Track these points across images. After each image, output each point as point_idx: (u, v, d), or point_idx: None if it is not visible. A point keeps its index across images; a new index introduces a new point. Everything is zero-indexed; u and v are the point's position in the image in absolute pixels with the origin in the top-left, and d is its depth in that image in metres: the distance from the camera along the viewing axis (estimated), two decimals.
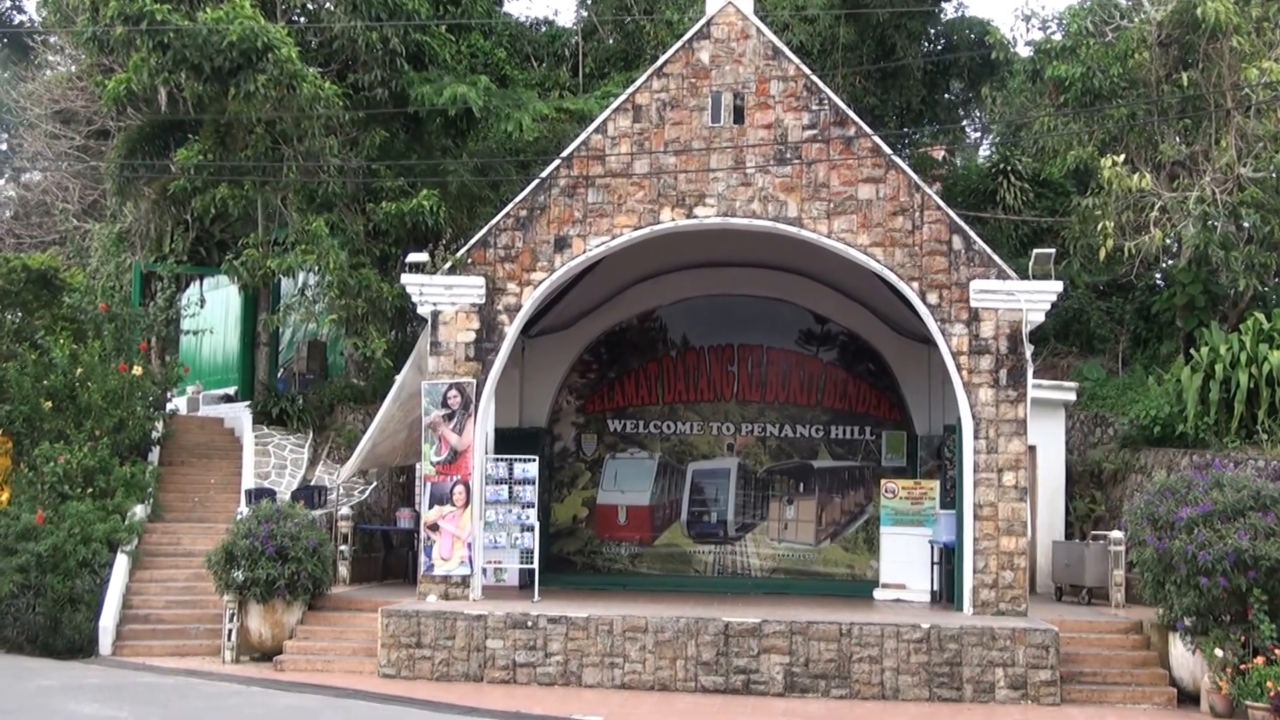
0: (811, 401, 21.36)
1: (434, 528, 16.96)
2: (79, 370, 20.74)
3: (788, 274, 20.70)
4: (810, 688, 14.76)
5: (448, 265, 17.36)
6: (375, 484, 21.47)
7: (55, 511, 18.61)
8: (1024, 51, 29.46)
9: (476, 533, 16.98)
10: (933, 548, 18.72)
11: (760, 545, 21.04)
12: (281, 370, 26.12)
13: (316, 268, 21.57)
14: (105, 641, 17.38)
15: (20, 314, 22.57)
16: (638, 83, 17.77)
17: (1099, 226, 21.56)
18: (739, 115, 17.23)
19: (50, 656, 17.14)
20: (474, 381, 17.12)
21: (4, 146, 36.22)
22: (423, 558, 17.13)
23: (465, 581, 16.86)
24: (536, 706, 13.64)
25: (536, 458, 18.03)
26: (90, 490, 19.37)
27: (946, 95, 30.04)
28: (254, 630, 16.71)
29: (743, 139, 17.17)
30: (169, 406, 23.84)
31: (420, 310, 17.55)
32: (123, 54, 21.81)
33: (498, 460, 17.71)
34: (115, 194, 24.70)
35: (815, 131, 17.09)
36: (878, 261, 16.85)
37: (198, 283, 26.87)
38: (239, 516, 18.00)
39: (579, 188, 17.30)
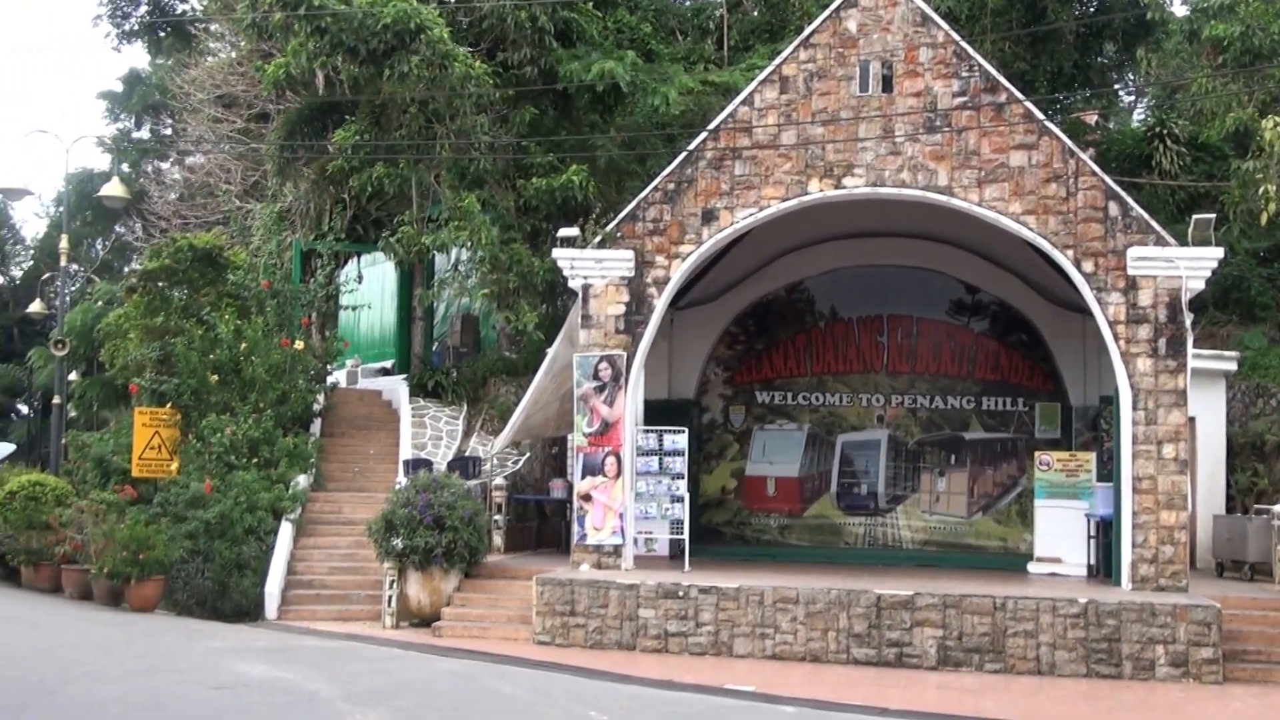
0: (962, 373, 21.12)
1: (586, 498, 17.20)
2: (243, 345, 21.48)
3: (937, 243, 20.46)
4: (964, 662, 14.64)
5: (598, 239, 17.54)
6: (528, 455, 21.84)
7: (222, 481, 19.36)
8: (1180, 11, 28.54)
9: (628, 503, 17.18)
10: (1089, 521, 18.38)
11: (911, 518, 20.92)
12: (436, 344, 26.69)
13: (469, 243, 21.98)
14: (271, 606, 17.99)
15: (187, 291, 23.40)
16: (784, 54, 17.70)
17: (1260, 190, 20.79)
18: (887, 84, 17.06)
19: (218, 619, 17.84)
20: (624, 354, 17.30)
21: (169, 131, 37.55)
22: (575, 527, 17.40)
23: (617, 551, 17.07)
24: (689, 675, 13.71)
25: (686, 429, 18.16)
26: (255, 460, 20.09)
27: (1099, 58, 29.20)
28: (413, 597, 17.15)
29: (891, 108, 17.00)
30: (329, 380, 24.56)
31: (571, 284, 17.77)
32: (281, 39, 22.47)
33: (648, 432, 17.87)
34: (276, 175, 25.53)
35: (965, 98, 16.84)
36: (1030, 229, 16.57)
37: (355, 259, 27.58)
38: (398, 486, 18.47)
39: (726, 160, 17.33)
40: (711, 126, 17.73)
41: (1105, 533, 17.56)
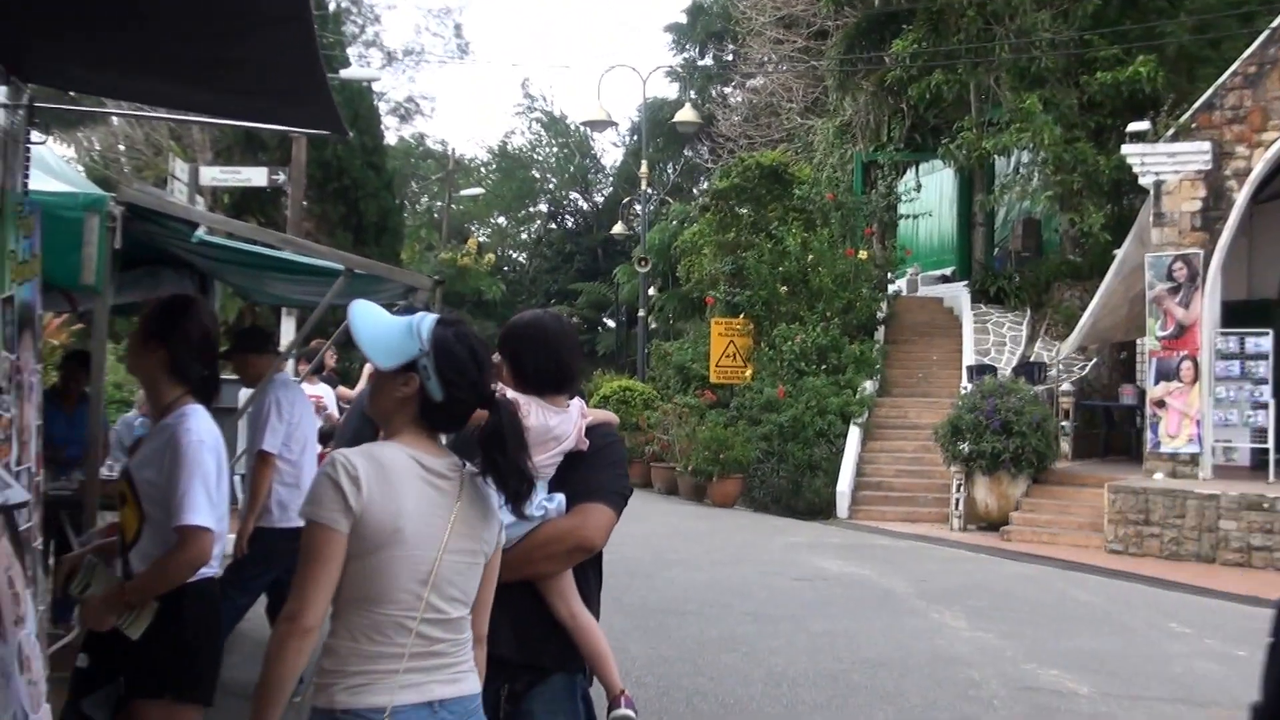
0: None
1: (1160, 404, 16.59)
2: (810, 257, 22.34)
3: None
4: None
5: (1170, 132, 16.69)
6: (1095, 360, 21.28)
7: (793, 386, 20.37)
8: None
9: (1205, 410, 16.39)
10: None
11: None
12: (997, 249, 26.44)
13: (1030, 145, 21.53)
14: (841, 505, 18.82)
15: (756, 207, 24.54)
16: None
17: None
18: None
19: (792, 516, 18.90)
20: (1200, 253, 16.42)
21: (730, 57, 39.15)
22: (1148, 434, 16.84)
23: (1194, 460, 16.36)
24: (1275, 592, 12.93)
25: (1270, 331, 16.97)
26: (824, 367, 20.95)
27: None
28: (979, 500, 17.34)
29: None
30: (890, 288, 25.05)
31: (1141, 181, 17.05)
32: None
33: (1227, 334, 16.90)
34: (835, 89, 26.11)
35: None
36: None
37: (914, 168, 27.73)
38: (963, 391, 18.65)
39: None
40: None
41: None
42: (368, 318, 2.98)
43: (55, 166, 6.81)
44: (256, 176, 20.85)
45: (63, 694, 4.41)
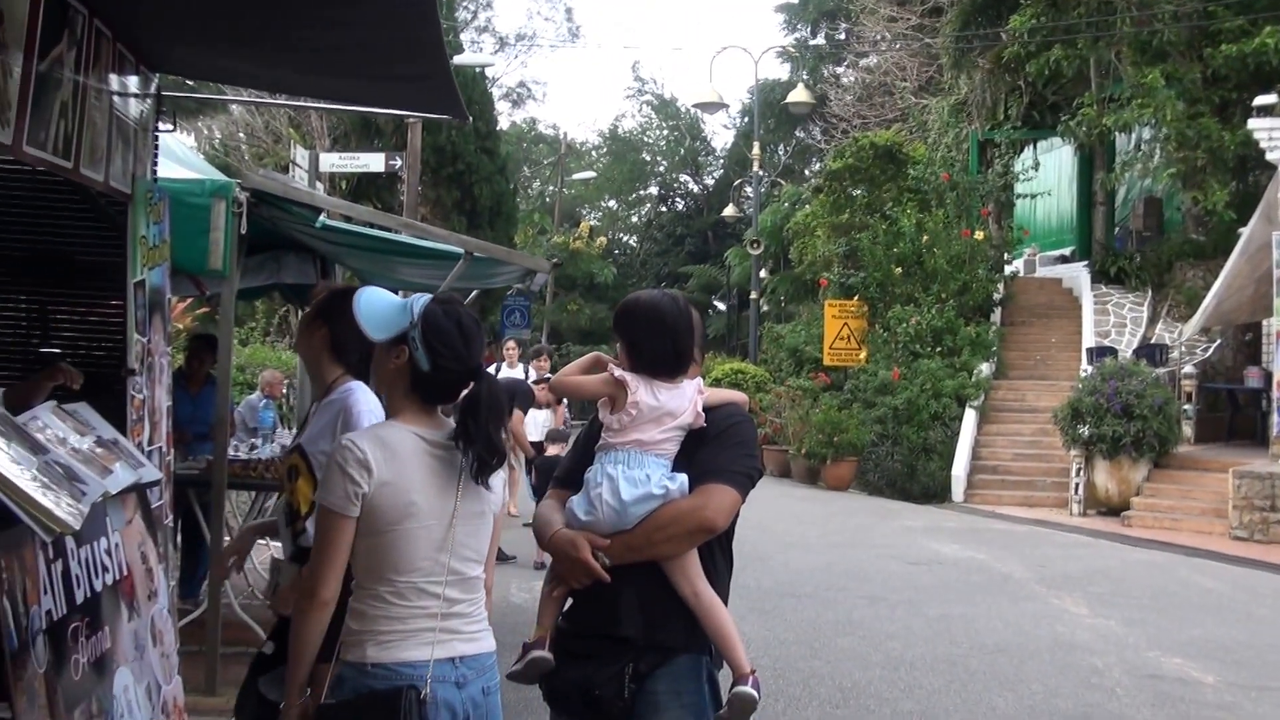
0: None
1: None
2: (925, 238, 22.08)
3: None
4: None
5: None
6: (1219, 341, 20.74)
7: (908, 369, 20.18)
8: None
9: None
10: None
11: None
12: (1117, 228, 25.86)
13: (1152, 121, 21.01)
14: (957, 489, 18.61)
15: (869, 188, 24.32)
16: None
17: None
18: None
19: (906, 500, 18.75)
20: None
21: (842, 36, 38.78)
22: (1274, 418, 16.35)
23: None
24: None
25: None
26: (939, 349, 20.71)
27: None
28: (1099, 485, 17.02)
29: None
30: (1007, 269, 24.64)
31: (1268, 156, 16.55)
32: None
33: None
34: (951, 67, 25.68)
35: None
36: None
37: (1031, 147, 27.21)
38: (1083, 374, 18.32)
39: None
40: None
41: None
42: (369, 298, 3.25)
43: (181, 154, 6.99)
44: (374, 162, 21.25)
45: (187, 665, 4.53)
